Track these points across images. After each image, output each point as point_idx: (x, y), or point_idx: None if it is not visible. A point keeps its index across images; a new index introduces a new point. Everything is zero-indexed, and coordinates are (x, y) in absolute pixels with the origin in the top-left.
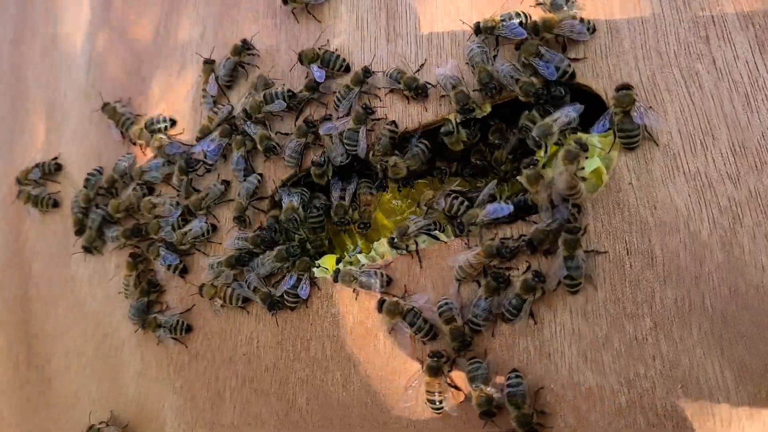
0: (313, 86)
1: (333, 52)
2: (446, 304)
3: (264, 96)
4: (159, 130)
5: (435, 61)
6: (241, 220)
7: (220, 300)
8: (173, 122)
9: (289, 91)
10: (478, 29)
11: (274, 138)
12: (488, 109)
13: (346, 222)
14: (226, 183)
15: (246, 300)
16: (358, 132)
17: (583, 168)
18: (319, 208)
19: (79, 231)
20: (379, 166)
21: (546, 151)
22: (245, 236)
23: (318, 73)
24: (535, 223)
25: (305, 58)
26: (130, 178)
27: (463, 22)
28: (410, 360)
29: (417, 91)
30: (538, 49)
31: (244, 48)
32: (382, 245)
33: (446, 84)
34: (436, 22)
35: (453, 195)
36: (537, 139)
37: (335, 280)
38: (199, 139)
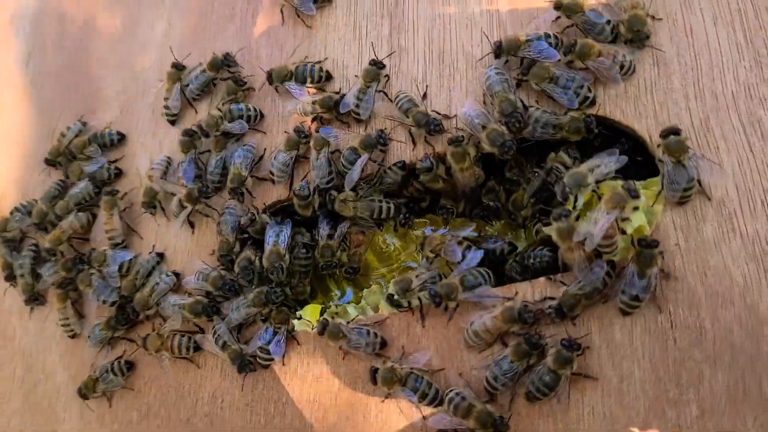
0: (328, 104)
1: (305, 64)
2: (458, 395)
3: (225, 112)
4: (106, 145)
5: (447, 84)
6: (238, 192)
7: (168, 354)
8: (122, 136)
9: (254, 109)
10: (499, 50)
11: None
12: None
13: (333, 266)
14: (161, 255)
15: (198, 349)
16: (358, 158)
17: (628, 219)
18: (308, 250)
19: (9, 277)
20: (327, 196)
21: (576, 203)
22: (207, 273)
23: (297, 91)
24: (563, 284)
25: (276, 78)
26: (67, 206)
27: (486, 37)
28: None
29: (430, 130)
30: (550, 71)
31: (225, 64)
32: (373, 293)
33: (476, 126)
34: (449, 36)
35: (466, 244)
36: (568, 189)
37: (320, 333)
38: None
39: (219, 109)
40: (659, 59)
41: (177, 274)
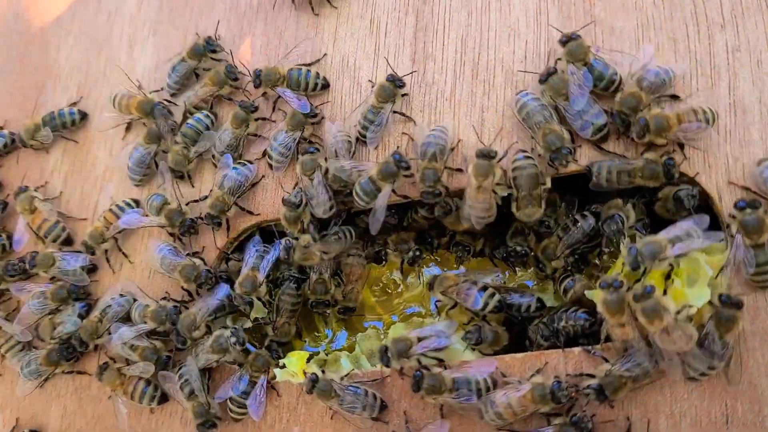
0: (299, 121)
1: (300, 69)
2: None
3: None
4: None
5: (480, 102)
6: (215, 221)
7: (126, 397)
8: (83, 115)
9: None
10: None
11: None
12: (548, 183)
13: (326, 304)
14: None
15: (164, 399)
16: (377, 190)
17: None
18: (298, 285)
19: None
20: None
21: (644, 275)
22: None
23: (299, 102)
24: (604, 359)
25: (265, 81)
26: None
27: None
28: None
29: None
30: (568, 86)
31: (208, 50)
32: (368, 338)
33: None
34: (486, 46)
35: (490, 291)
36: (639, 259)
37: (309, 391)
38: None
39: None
40: (736, 103)
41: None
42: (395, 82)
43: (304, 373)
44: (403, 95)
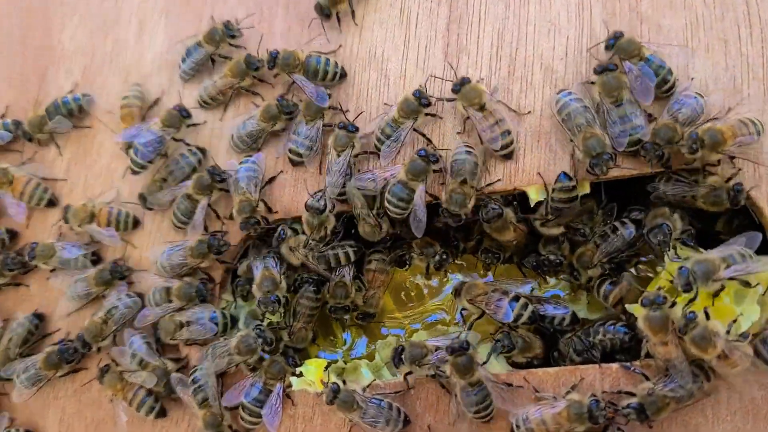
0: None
1: (320, 56)
2: None
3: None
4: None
5: (516, 101)
6: (251, 223)
7: (125, 403)
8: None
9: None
10: (614, 43)
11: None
12: (587, 188)
13: (346, 309)
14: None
15: (163, 414)
16: (414, 191)
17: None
18: (318, 289)
19: None
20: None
21: (695, 298)
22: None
23: (317, 93)
24: (645, 377)
25: (282, 65)
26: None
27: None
28: None
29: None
30: (622, 93)
31: (227, 35)
32: (387, 346)
33: None
34: (524, 41)
35: (522, 302)
36: (691, 279)
37: (330, 402)
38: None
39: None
40: None
41: (141, 296)
42: (421, 100)
43: (322, 382)
44: (427, 114)
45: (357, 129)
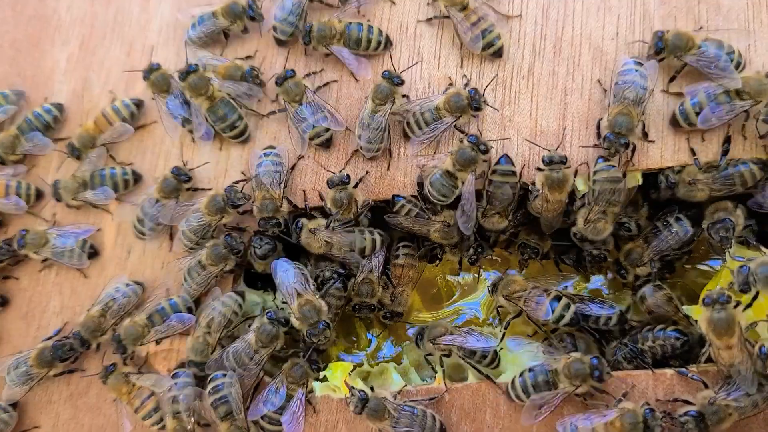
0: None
1: (361, 23)
2: None
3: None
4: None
5: (562, 84)
6: (273, 223)
7: (130, 408)
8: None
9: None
10: (660, 45)
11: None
12: (639, 179)
13: (371, 308)
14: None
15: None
16: (457, 184)
17: None
18: (344, 285)
19: None
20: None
21: (755, 299)
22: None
23: (358, 64)
24: (704, 384)
25: (318, 37)
26: None
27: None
28: None
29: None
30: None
31: (247, 15)
32: (415, 348)
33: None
34: (570, 20)
35: (564, 302)
36: (751, 280)
37: (359, 412)
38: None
39: None
40: None
41: (141, 284)
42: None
43: (347, 385)
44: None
45: (403, 82)
